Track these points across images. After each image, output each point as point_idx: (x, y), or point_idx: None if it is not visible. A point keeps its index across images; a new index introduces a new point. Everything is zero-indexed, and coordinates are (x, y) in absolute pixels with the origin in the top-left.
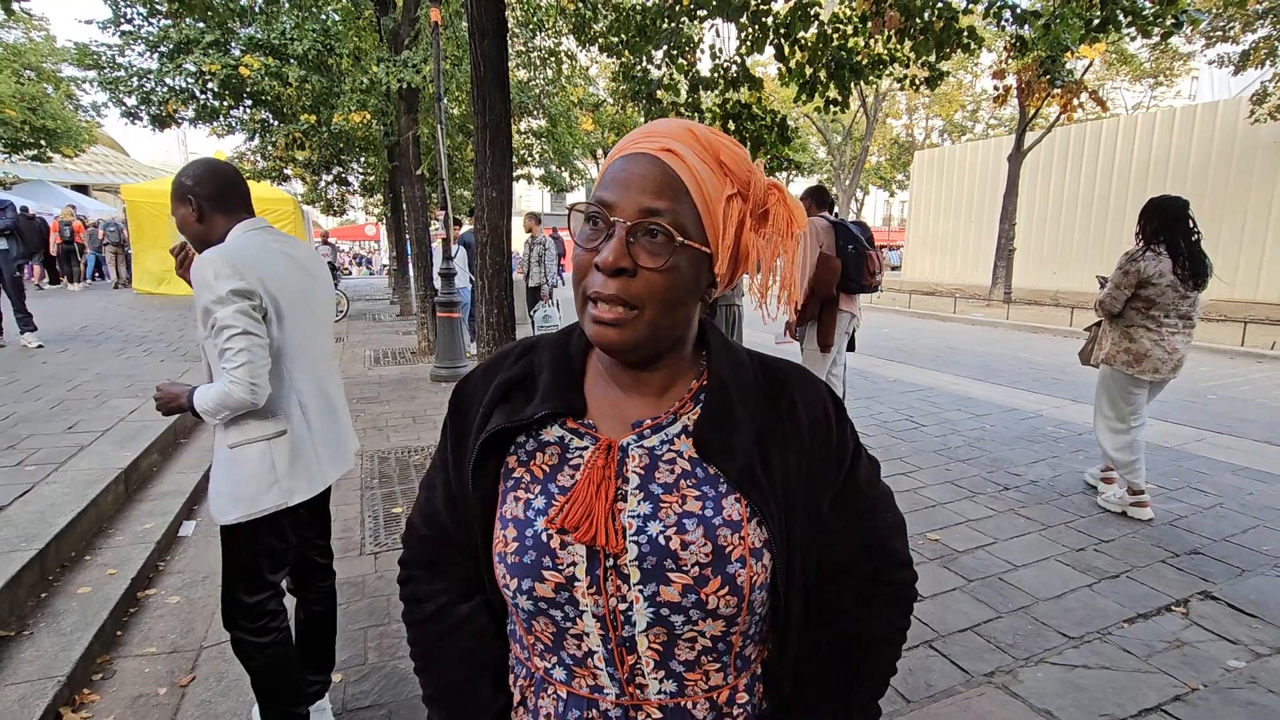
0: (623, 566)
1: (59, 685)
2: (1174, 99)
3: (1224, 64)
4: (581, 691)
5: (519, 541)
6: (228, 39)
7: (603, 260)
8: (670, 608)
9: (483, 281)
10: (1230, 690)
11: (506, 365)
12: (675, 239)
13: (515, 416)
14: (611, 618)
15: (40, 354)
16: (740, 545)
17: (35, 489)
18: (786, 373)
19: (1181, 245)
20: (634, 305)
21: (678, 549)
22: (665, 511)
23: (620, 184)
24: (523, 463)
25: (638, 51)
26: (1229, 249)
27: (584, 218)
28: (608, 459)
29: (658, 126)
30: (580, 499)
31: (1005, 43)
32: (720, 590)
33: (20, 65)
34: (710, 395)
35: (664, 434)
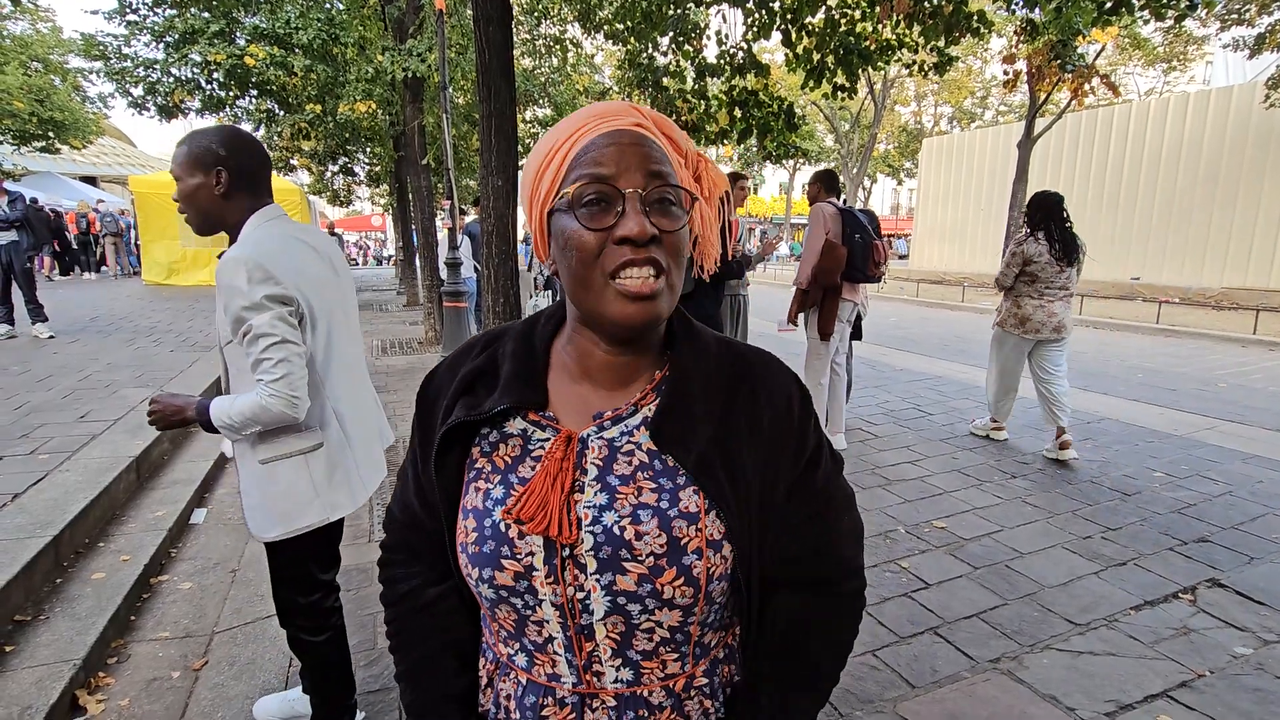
0: (579, 556)
1: (75, 668)
2: (1187, 84)
3: (1239, 47)
4: (539, 679)
5: (478, 531)
6: (233, 28)
7: (633, 232)
8: (626, 596)
9: (488, 271)
10: (1237, 677)
11: (471, 357)
12: (681, 199)
13: (475, 410)
14: (570, 606)
15: (51, 344)
16: (697, 537)
17: (49, 477)
18: (753, 362)
19: (1055, 231)
20: (664, 267)
21: (632, 539)
22: (621, 502)
23: (613, 158)
24: (485, 454)
25: (643, 38)
26: (1242, 236)
27: (584, 199)
28: (566, 450)
29: (606, 109)
30: (536, 490)
31: (1015, 27)
32: (676, 581)
33: (27, 57)
34: (670, 386)
35: (624, 425)
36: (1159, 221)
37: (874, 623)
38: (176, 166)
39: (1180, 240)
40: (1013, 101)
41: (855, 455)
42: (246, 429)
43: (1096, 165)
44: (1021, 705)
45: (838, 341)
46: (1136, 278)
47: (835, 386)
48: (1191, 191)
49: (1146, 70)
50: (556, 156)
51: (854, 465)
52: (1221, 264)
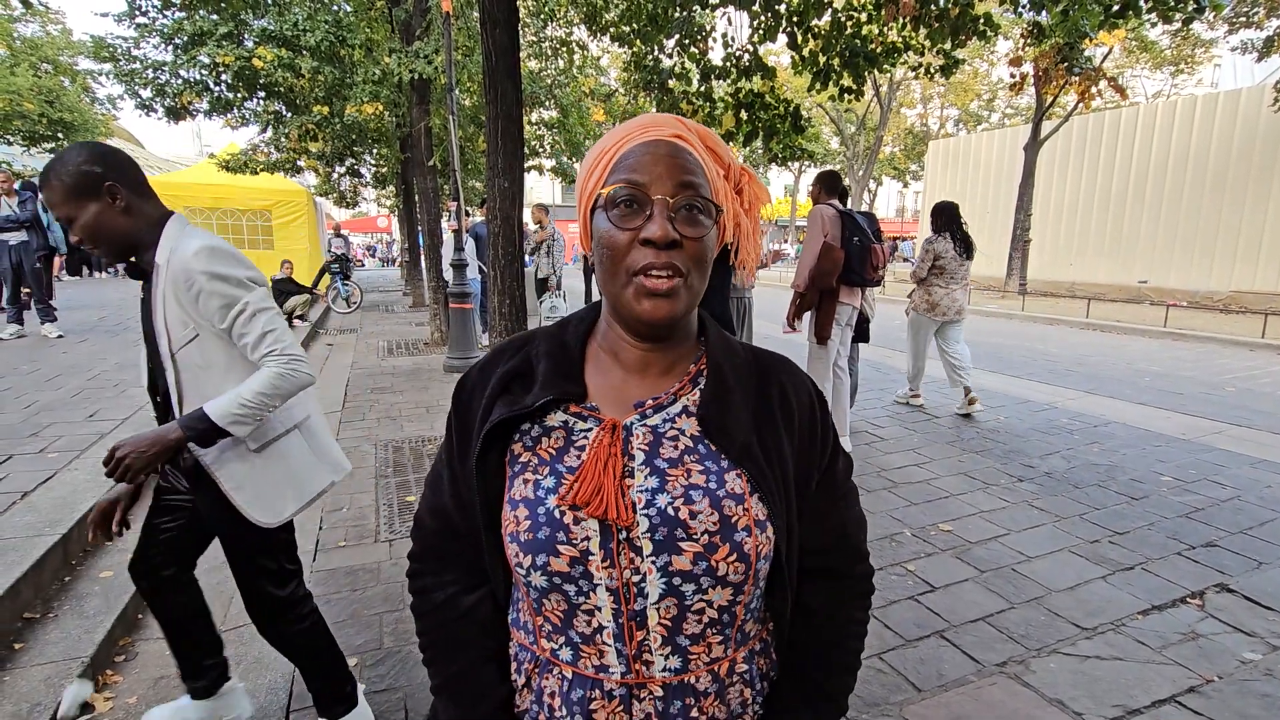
0: (635, 539)
1: (83, 666)
2: (1195, 87)
3: (1247, 50)
4: (587, 671)
5: (531, 519)
6: (241, 30)
7: (655, 235)
8: (682, 576)
9: (495, 272)
10: (1246, 682)
11: (504, 359)
12: (712, 209)
13: (517, 406)
14: (625, 590)
15: (60, 344)
16: (745, 515)
17: (58, 475)
18: (775, 363)
19: (957, 233)
20: (683, 270)
21: (686, 519)
22: (672, 484)
23: (648, 166)
24: (529, 448)
25: (649, 41)
26: (1250, 239)
27: (618, 200)
28: (613, 437)
29: (653, 119)
30: (589, 475)
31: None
32: (729, 557)
33: (38, 59)
34: (710, 378)
35: (666, 413)
36: (1166, 224)
37: (880, 626)
38: (62, 205)
39: (1188, 243)
40: (1019, 104)
41: (861, 458)
42: (264, 410)
43: (1103, 168)
44: (1028, 709)
45: (837, 345)
46: (1144, 281)
47: (838, 390)
48: (1199, 195)
49: (1154, 73)
50: (603, 160)
51: (860, 468)
52: (1230, 267)
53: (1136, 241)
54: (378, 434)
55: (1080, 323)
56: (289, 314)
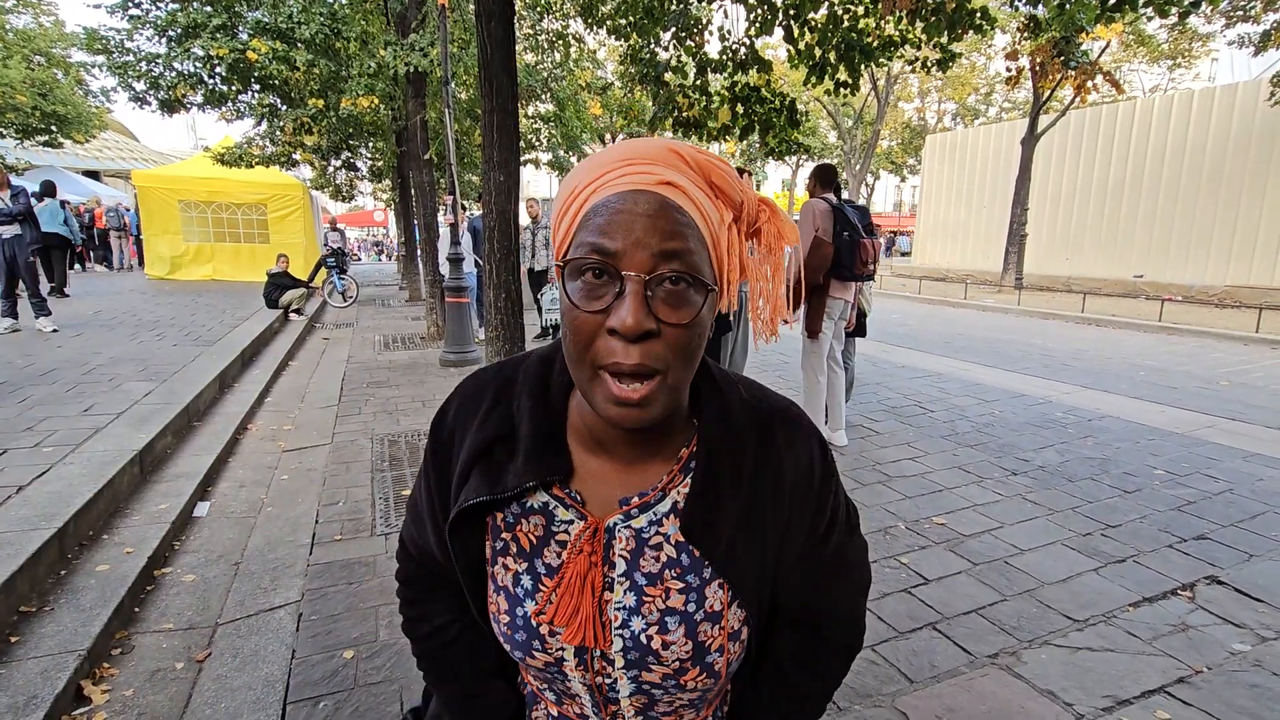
0: (608, 653)
1: (80, 659)
2: (1192, 81)
3: (1244, 44)
4: (571, 715)
5: (510, 617)
6: (235, 23)
7: (623, 324)
8: (651, 685)
9: (490, 265)
10: (1235, 673)
11: (484, 408)
12: (701, 286)
13: (496, 487)
14: (598, 687)
15: (55, 338)
16: (719, 636)
17: (53, 469)
18: (777, 424)
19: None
20: (658, 370)
21: (659, 648)
22: (649, 607)
23: (621, 227)
24: (509, 526)
25: (645, 34)
26: (1245, 234)
27: (582, 270)
28: (593, 545)
29: (639, 151)
30: (567, 596)
31: (1019, 23)
32: (699, 676)
33: (30, 50)
34: (700, 468)
35: (652, 513)
36: (1162, 219)
37: (873, 618)
38: None
39: (1183, 238)
40: (1016, 98)
41: (856, 452)
42: None
43: (1100, 162)
44: (1019, 700)
45: (830, 339)
46: (1139, 275)
47: (834, 383)
48: (1195, 189)
49: (1151, 67)
50: (573, 206)
51: (855, 461)
52: (1225, 262)
53: (1132, 236)
54: (374, 428)
55: (1076, 317)
56: (285, 308)
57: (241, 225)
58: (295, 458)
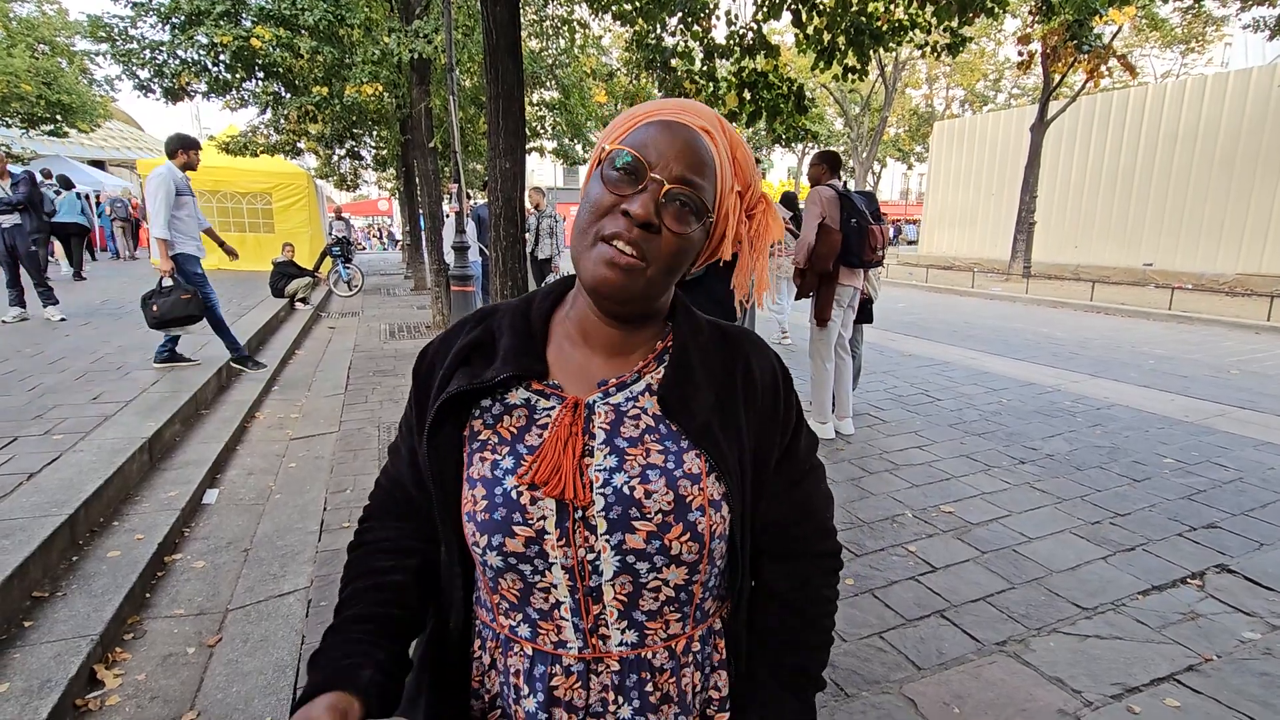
0: (590, 518)
1: (93, 644)
2: (1205, 66)
3: (1259, 28)
4: (545, 647)
5: (488, 499)
6: (239, 10)
7: (635, 211)
8: (636, 554)
9: (496, 253)
10: (1244, 661)
11: (465, 331)
12: (703, 212)
13: (476, 379)
14: (580, 568)
15: (63, 327)
16: (700, 495)
17: (63, 457)
18: (740, 339)
19: None
20: (646, 259)
21: (641, 498)
22: (630, 464)
23: (660, 146)
24: (489, 425)
25: (651, 19)
26: (1258, 221)
27: (616, 164)
28: (574, 416)
29: (690, 104)
30: (549, 455)
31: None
32: (683, 536)
33: (34, 39)
34: (675, 356)
35: (629, 391)
36: (1173, 206)
37: (881, 605)
38: None
39: (1194, 226)
40: (1026, 84)
41: (863, 440)
42: None
43: (1110, 149)
44: (1028, 687)
45: (839, 327)
46: (1149, 264)
47: (841, 371)
48: (1206, 176)
49: (1164, 52)
50: (626, 124)
51: (862, 450)
52: (1236, 250)
53: (1143, 224)
54: (380, 416)
55: (1084, 306)
56: (290, 297)
57: (246, 214)
58: (303, 445)
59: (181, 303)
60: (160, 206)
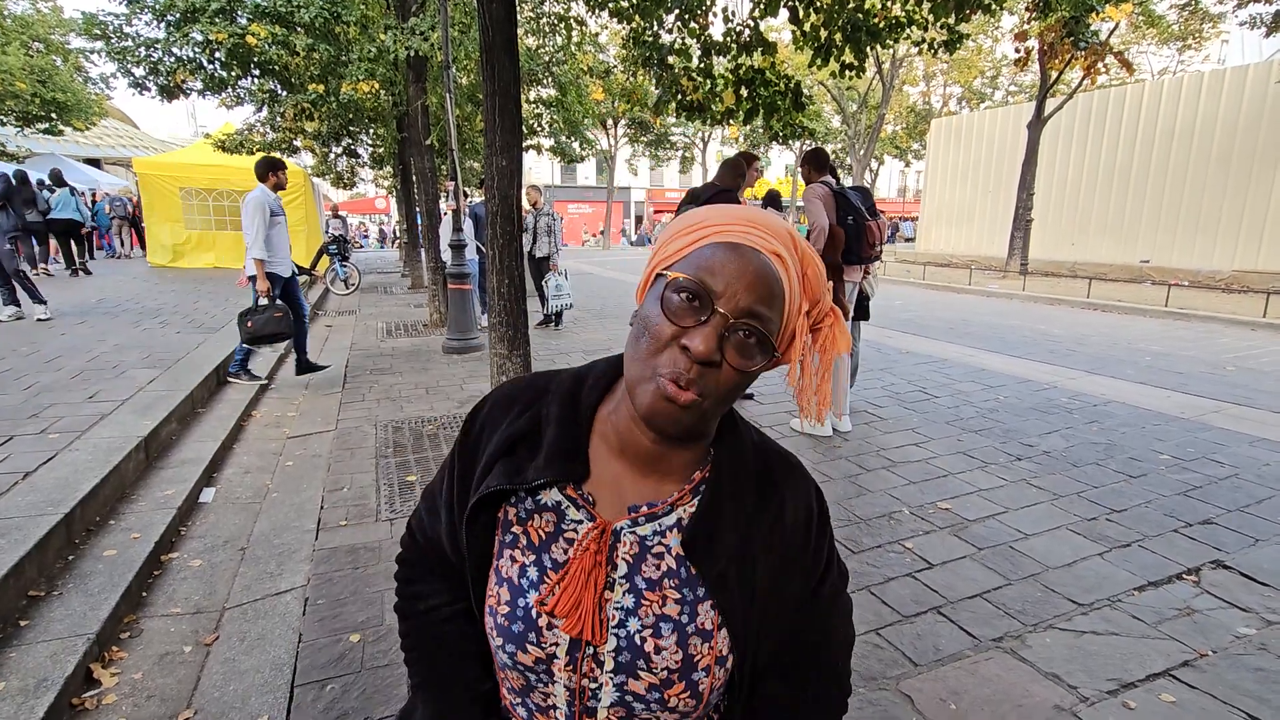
0: (600, 653)
1: (89, 642)
2: (1202, 63)
3: (1256, 25)
4: None
5: (509, 608)
6: (234, 7)
7: (697, 349)
8: (634, 696)
9: (493, 251)
10: (1240, 656)
11: (514, 414)
12: (768, 350)
13: (516, 478)
14: (580, 692)
15: (59, 325)
16: (708, 655)
17: (59, 456)
18: (781, 471)
19: None
20: (704, 395)
21: (650, 652)
22: (646, 610)
23: (728, 275)
24: (520, 520)
25: (648, 16)
26: (1254, 218)
27: (681, 290)
28: (600, 544)
29: (762, 219)
30: (571, 589)
31: (1028, 3)
32: (683, 693)
33: (29, 37)
34: (708, 494)
35: (658, 524)
36: (1170, 203)
37: (878, 602)
38: None
39: (1191, 222)
40: (1023, 81)
41: (860, 438)
42: None
43: (1107, 146)
44: (1024, 683)
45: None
46: (1146, 260)
47: (839, 368)
48: (1203, 173)
49: (1161, 49)
50: (694, 233)
51: (859, 447)
52: (1233, 247)
53: (1139, 220)
54: (378, 414)
55: (1082, 303)
56: None
57: None
58: (300, 444)
59: (274, 320)
60: (258, 228)
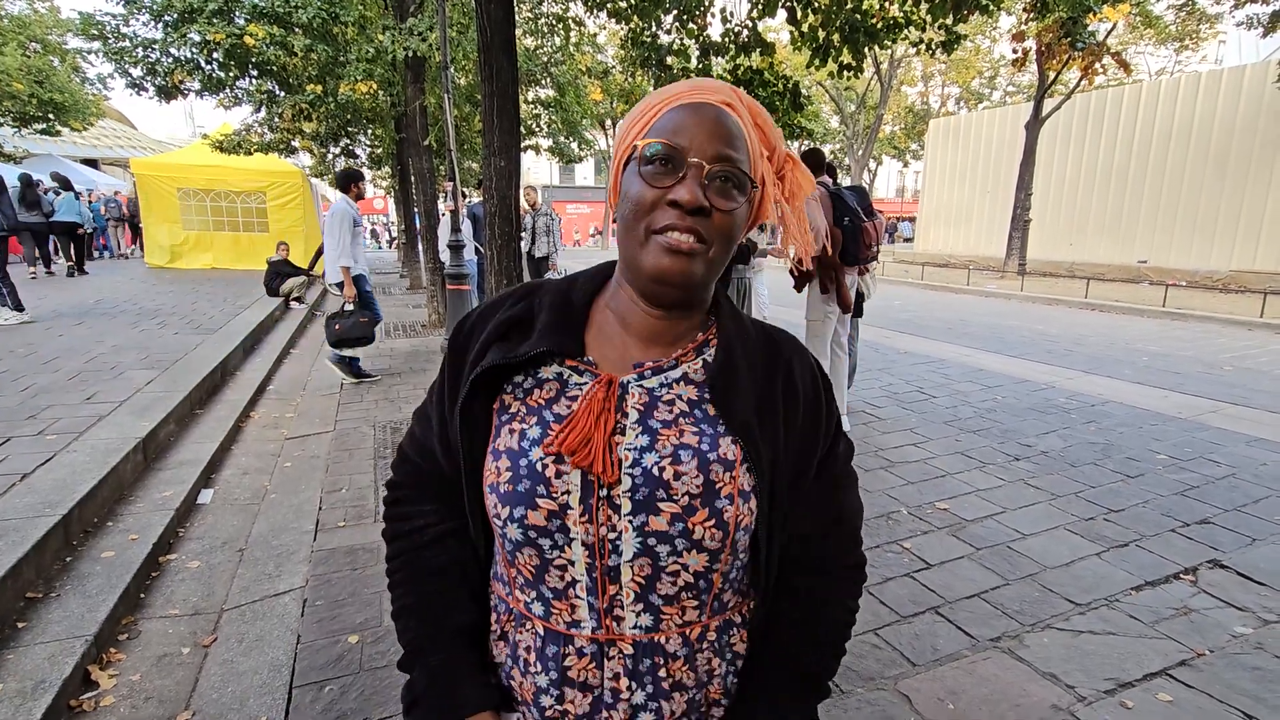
0: (615, 497)
1: (87, 644)
2: (1199, 64)
3: (1253, 26)
4: (558, 627)
5: (512, 470)
6: (231, 7)
7: (684, 198)
8: (657, 537)
9: (491, 252)
10: (1236, 656)
11: (506, 306)
12: (746, 184)
13: (510, 354)
14: (599, 546)
15: (56, 327)
16: (731, 484)
17: (57, 457)
18: (784, 344)
19: None
20: (706, 239)
21: (670, 479)
22: (662, 443)
23: (691, 129)
24: (519, 398)
25: (647, 16)
26: (1251, 218)
27: (652, 158)
28: (608, 393)
29: (706, 83)
30: (580, 425)
31: (1025, 4)
32: (707, 521)
33: (26, 37)
34: (720, 351)
35: (664, 377)
36: (1167, 204)
37: (876, 602)
38: None
39: (1188, 223)
40: (1021, 82)
41: (859, 438)
42: None
43: (1104, 146)
44: (1022, 683)
45: (834, 323)
46: (1143, 261)
47: (837, 368)
48: (1200, 173)
49: (1158, 49)
50: (645, 115)
51: (858, 448)
52: (1230, 247)
53: (1137, 221)
54: (376, 415)
55: (1079, 303)
56: (286, 296)
57: (241, 213)
58: (298, 445)
59: (360, 325)
60: (345, 237)
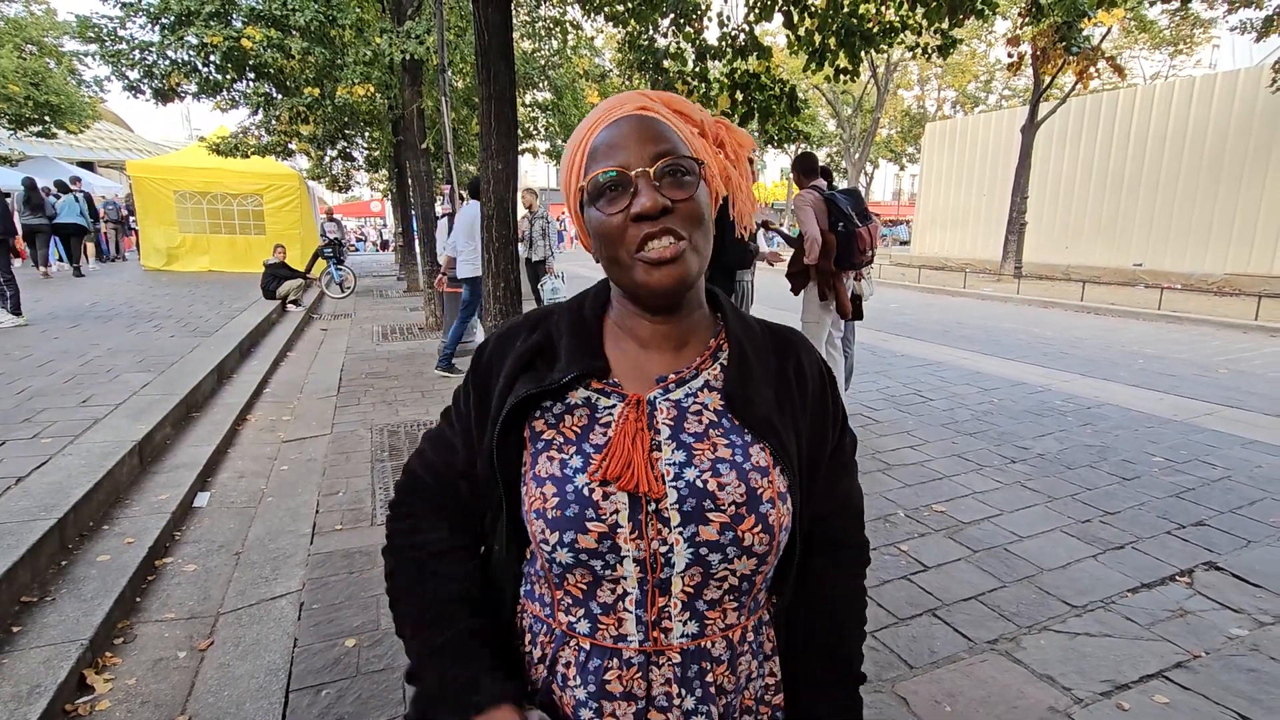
0: (663, 511)
1: (82, 648)
2: (1194, 68)
3: (1246, 30)
4: (604, 642)
5: (559, 497)
6: (229, 10)
7: (645, 207)
8: (709, 546)
9: (488, 255)
10: (1232, 657)
11: (523, 334)
12: (694, 166)
13: (542, 382)
14: (651, 560)
15: (52, 329)
16: (769, 488)
17: (52, 460)
18: (790, 338)
19: None
20: (681, 234)
21: (715, 490)
22: (699, 458)
23: (620, 144)
24: (551, 425)
25: (644, 20)
26: (1245, 221)
27: (602, 188)
28: (638, 413)
29: (613, 100)
30: (618, 451)
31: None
32: (755, 528)
33: (22, 39)
34: (733, 354)
35: (688, 388)
36: (1162, 207)
37: (873, 604)
38: None
39: (1183, 226)
40: (1016, 86)
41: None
42: None
43: (1100, 150)
44: (1018, 685)
45: (829, 325)
46: (1139, 264)
47: (833, 370)
48: (1195, 177)
49: (1152, 54)
50: (577, 156)
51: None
52: (1225, 250)
53: (1132, 224)
54: (373, 418)
55: (1075, 306)
56: (282, 298)
57: (237, 216)
58: (295, 448)
59: None
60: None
